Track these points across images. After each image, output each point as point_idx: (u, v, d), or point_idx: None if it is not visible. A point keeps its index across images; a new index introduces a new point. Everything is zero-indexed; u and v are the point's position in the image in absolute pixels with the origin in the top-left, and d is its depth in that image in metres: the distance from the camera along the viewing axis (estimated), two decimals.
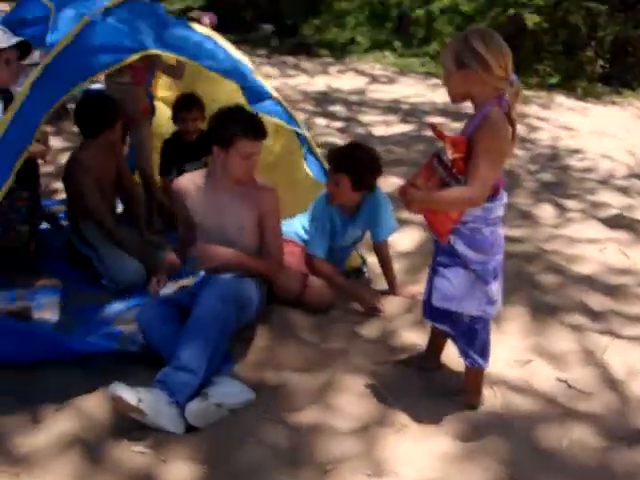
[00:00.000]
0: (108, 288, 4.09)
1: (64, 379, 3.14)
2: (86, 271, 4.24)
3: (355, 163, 3.85)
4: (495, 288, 2.91)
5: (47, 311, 3.80)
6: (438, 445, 2.81)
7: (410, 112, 8.65)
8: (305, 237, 4.09)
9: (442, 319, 3.01)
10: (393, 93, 9.61)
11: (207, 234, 3.66)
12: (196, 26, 3.96)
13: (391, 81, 10.38)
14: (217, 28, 13.17)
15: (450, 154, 2.69)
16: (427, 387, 3.22)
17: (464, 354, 3.02)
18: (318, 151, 4.26)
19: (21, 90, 3.10)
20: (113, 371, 3.20)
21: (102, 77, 4.87)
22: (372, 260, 4.34)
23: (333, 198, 3.95)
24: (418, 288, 3.99)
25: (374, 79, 10.48)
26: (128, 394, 2.80)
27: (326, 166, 4.07)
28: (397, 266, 4.46)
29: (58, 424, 2.86)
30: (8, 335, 3.13)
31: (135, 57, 3.40)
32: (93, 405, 2.97)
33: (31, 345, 3.18)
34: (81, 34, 3.23)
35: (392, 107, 8.84)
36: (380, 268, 4.21)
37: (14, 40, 3.78)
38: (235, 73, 3.93)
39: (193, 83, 4.90)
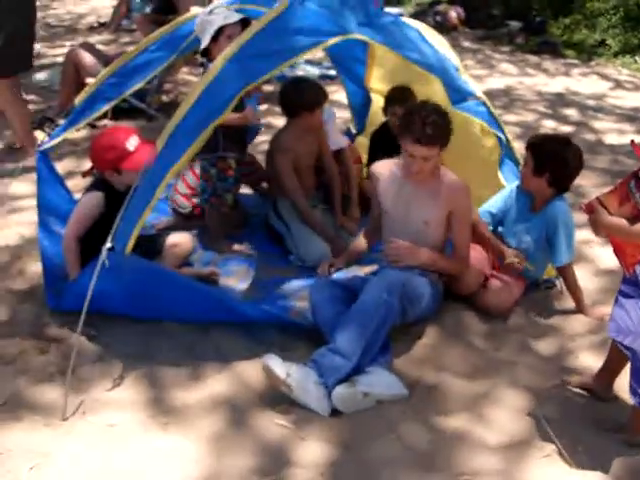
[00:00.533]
0: (294, 265, 4.24)
1: (230, 344, 3.32)
2: (277, 246, 4.41)
3: (545, 150, 3.74)
4: None
5: (234, 278, 4.03)
6: (587, 479, 2.61)
7: None
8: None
9: None
10: (635, 100, 8.96)
11: (391, 223, 3.68)
12: (405, 19, 3.97)
13: (637, 88, 9.66)
14: (465, 22, 13.12)
15: None
16: (590, 416, 2.99)
17: (632, 391, 2.76)
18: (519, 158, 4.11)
19: (215, 62, 3.26)
20: (277, 343, 3.33)
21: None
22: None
23: (522, 180, 3.88)
24: (609, 310, 3.71)
25: (618, 84, 9.81)
26: (278, 367, 2.89)
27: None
28: (595, 283, 4.20)
29: (215, 385, 3.04)
30: (190, 294, 3.33)
31: (334, 40, 3.45)
32: (250, 373, 3.12)
33: (208, 305, 3.36)
34: (280, 16, 3.33)
35: (631, 115, 8.24)
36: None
37: (237, 17, 4.01)
38: (439, 69, 3.87)
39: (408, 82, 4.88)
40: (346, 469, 2.60)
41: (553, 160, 3.73)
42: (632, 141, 2.68)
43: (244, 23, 4.05)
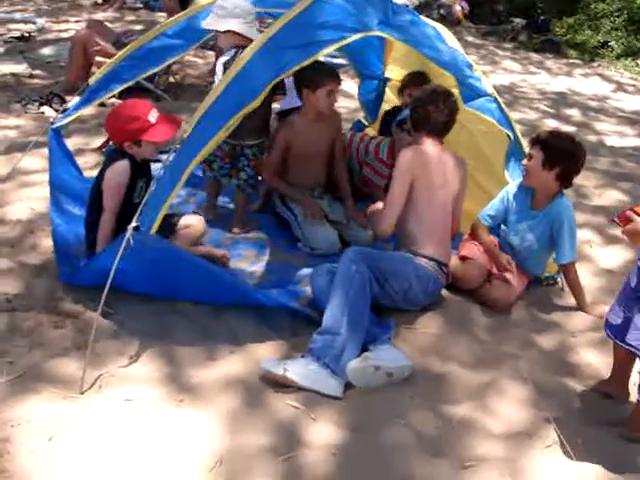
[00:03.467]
0: (303, 252, 4.31)
1: (243, 327, 3.40)
2: (285, 232, 4.48)
3: (557, 144, 3.83)
4: None
5: (244, 261, 4.11)
6: (586, 470, 2.70)
7: None
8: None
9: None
10: (637, 103, 9.06)
11: None
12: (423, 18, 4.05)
13: (638, 91, 9.77)
14: (468, 16, 13.14)
15: None
16: (592, 410, 3.10)
17: (638, 388, 2.86)
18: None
19: (243, 54, 3.32)
20: (288, 328, 3.46)
21: None
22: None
23: (526, 175, 3.95)
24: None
25: (619, 87, 9.91)
26: (274, 367, 3.01)
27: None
28: (595, 283, 4.30)
29: (229, 364, 3.12)
30: (205, 276, 3.38)
31: (358, 36, 3.52)
32: (264, 353, 3.21)
33: (222, 287, 3.44)
34: (307, 9, 3.39)
35: (632, 118, 8.34)
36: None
37: (255, 35, 4.08)
38: (454, 67, 3.98)
39: None
40: (357, 451, 2.68)
41: (565, 154, 3.81)
42: (612, 220, 2.82)
43: None
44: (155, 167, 3.73)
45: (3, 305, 3.38)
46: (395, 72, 5.30)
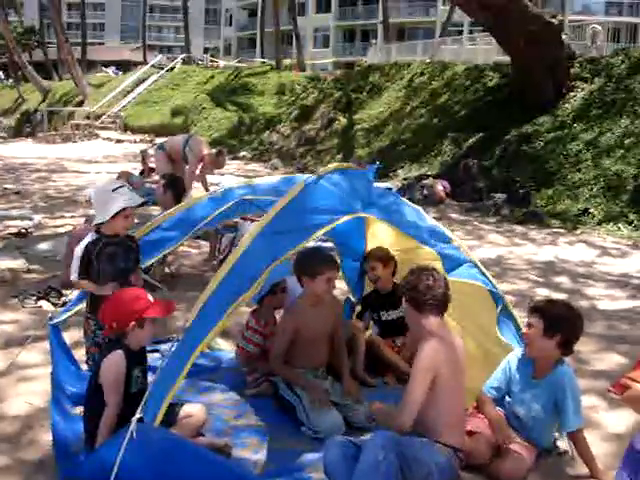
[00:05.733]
0: (307, 436, 4.21)
1: None
2: (288, 416, 4.41)
3: (556, 312, 3.89)
4: None
5: (248, 450, 4.01)
6: None
7: None
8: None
9: None
10: (623, 266, 9.26)
11: None
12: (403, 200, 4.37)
13: (623, 254, 10.02)
14: (451, 195, 13.68)
15: None
16: None
17: None
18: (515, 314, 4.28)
19: (243, 240, 3.45)
20: None
21: None
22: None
23: (527, 346, 3.98)
24: None
25: (604, 251, 10.18)
26: None
27: (523, 330, 4.07)
28: (604, 449, 4.21)
29: None
30: (208, 467, 3.30)
31: (346, 218, 3.70)
32: None
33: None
34: (299, 196, 3.58)
35: (620, 281, 8.50)
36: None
37: (139, 201, 4.41)
38: (431, 243, 4.26)
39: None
40: None
41: (565, 322, 3.88)
42: (608, 390, 2.86)
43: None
44: (152, 357, 3.75)
45: None
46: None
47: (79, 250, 4.28)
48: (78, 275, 4.24)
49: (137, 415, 2.98)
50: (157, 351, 4.87)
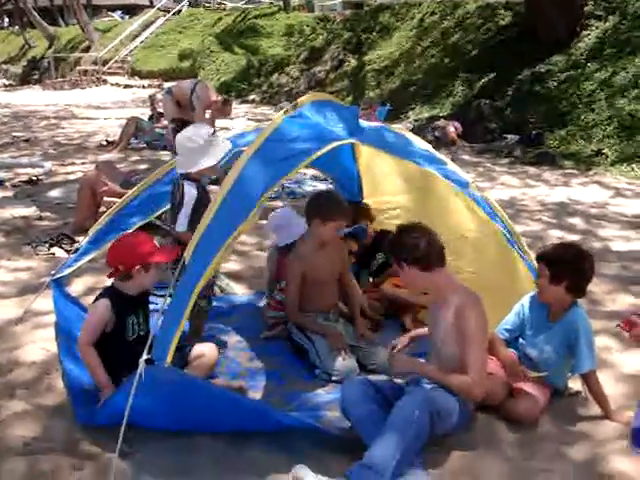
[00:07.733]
0: (320, 379, 4.25)
1: (265, 459, 3.31)
2: (302, 359, 4.45)
3: (561, 258, 3.86)
4: None
5: (262, 392, 4.05)
6: None
7: None
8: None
9: None
10: (637, 207, 9.18)
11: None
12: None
13: (637, 195, 9.90)
14: (462, 136, 13.51)
15: None
16: None
17: None
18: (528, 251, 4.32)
19: (230, 173, 3.48)
20: (312, 457, 3.32)
21: None
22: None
23: (539, 293, 3.97)
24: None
25: (618, 192, 10.08)
26: (310, 478, 2.90)
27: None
28: (618, 389, 4.21)
29: None
30: (225, 404, 3.34)
31: (333, 145, 3.74)
32: None
33: (242, 414, 3.38)
34: (279, 128, 3.65)
35: (634, 222, 8.43)
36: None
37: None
38: (430, 164, 4.32)
39: None
40: None
41: (569, 267, 3.84)
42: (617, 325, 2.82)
43: None
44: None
45: (21, 449, 3.32)
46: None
47: (191, 201, 4.12)
48: (188, 227, 4.08)
49: (145, 356, 2.98)
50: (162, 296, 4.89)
